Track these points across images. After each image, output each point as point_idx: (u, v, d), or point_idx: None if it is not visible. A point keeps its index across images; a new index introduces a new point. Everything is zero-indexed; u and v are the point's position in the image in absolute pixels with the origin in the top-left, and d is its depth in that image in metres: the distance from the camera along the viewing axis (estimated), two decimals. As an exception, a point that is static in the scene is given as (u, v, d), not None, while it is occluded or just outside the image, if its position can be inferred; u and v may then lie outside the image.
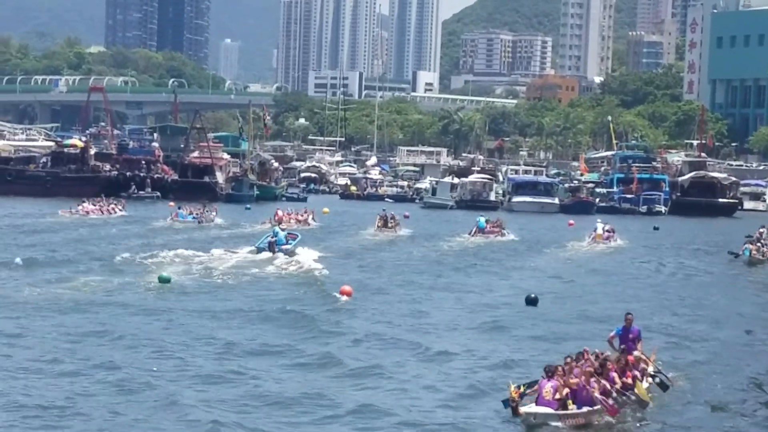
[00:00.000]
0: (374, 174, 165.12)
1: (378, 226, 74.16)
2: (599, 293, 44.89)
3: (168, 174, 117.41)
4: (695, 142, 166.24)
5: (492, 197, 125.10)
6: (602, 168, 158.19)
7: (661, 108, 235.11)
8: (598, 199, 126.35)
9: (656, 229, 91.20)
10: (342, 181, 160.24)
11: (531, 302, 39.66)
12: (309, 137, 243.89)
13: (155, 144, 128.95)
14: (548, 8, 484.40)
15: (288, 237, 55.57)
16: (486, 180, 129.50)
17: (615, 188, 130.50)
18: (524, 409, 21.58)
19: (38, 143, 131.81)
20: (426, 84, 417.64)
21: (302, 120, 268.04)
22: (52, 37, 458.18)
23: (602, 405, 22.20)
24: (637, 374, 24.28)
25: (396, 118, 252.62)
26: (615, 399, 22.75)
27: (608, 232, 70.56)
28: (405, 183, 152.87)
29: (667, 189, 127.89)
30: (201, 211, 79.65)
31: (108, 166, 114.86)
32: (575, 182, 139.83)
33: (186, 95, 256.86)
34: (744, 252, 60.76)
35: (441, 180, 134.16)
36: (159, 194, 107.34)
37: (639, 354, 25.53)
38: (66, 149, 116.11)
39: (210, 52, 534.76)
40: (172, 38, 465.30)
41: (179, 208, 79.39)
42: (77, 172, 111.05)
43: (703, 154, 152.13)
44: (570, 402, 22.05)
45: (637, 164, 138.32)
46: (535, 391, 22.40)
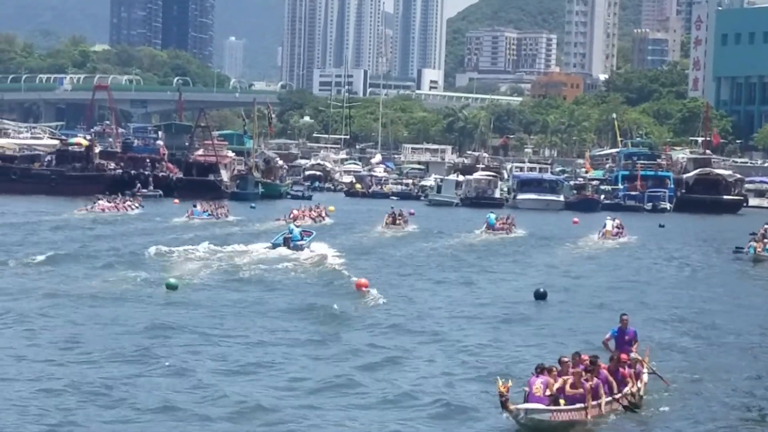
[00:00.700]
0: (379, 172, 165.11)
1: (386, 223, 75.49)
2: (607, 289, 45.30)
3: (173, 172, 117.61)
4: (700, 140, 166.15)
5: (497, 195, 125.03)
6: (607, 165, 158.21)
7: (666, 105, 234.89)
8: (603, 197, 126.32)
9: (662, 227, 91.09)
10: (347, 179, 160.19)
11: (540, 296, 39.79)
12: (314, 135, 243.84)
13: (160, 142, 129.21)
14: (553, 6, 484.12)
15: (303, 234, 56.52)
16: (491, 177, 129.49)
17: (620, 185, 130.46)
18: (515, 405, 21.25)
19: (43, 142, 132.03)
20: (431, 82, 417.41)
21: (307, 118, 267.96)
22: (57, 36, 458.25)
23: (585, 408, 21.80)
24: (632, 373, 23.94)
25: (401, 116, 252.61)
26: (608, 399, 22.53)
27: (618, 229, 71.79)
28: (410, 181, 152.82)
29: (672, 186, 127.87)
30: (215, 208, 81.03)
31: (113, 165, 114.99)
32: (580, 180, 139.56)
33: (191, 93, 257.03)
34: (749, 250, 60.70)
35: (446, 177, 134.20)
36: (161, 192, 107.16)
37: (635, 355, 25.14)
38: (71, 147, 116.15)
39: (215, 50, 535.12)
40: (177, 36, 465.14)
41: (194, 206, 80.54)
42: (82, 171, 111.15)
43: (708, 151, 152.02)
44: (562, 400, 21.78)
45: (642, 161, 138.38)
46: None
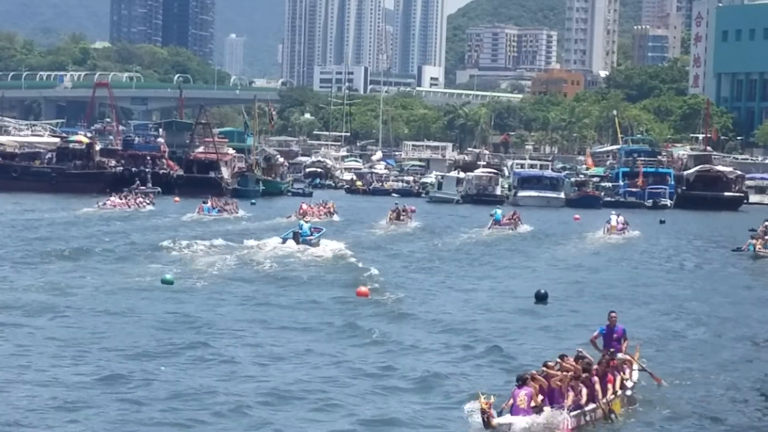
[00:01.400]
0: (380, 169, 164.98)
1: (390, 219, 76.85)
2: (610, 285, 45.76)
3: (173, 169, 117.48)
4: (701, 136, 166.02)
5: (498, 192, 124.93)
6: (608, 162, 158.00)
7: (667, 102, 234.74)
8: (604, 194, 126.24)
9: (662, 223, 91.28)
10: (347, 176, 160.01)
11: (540, 298, 39.66)
12: (314, 132, 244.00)
13: (160, 139, 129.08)
14: (553, 2, 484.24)
15: (313, 230, 57.91)
16: (492, 174, 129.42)
17: (620, 182, 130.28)
18: (497, 420, 20.25)
19: (43, 139, 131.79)
20: (431, 79, 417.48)
21: (307, 115, 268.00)
22: (57, 33, 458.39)
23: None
24: (620, 377, 23.27)
25: (401, 113, 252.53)
26: (593, 408, 21.80)
27: (622, 224, 73.75)
28: (410, 178, 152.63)
29: (673, 183, 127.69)
30: (224, 205, 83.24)
31: (113, 162, 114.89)
32: (581, 176, 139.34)
33: (191, 91, 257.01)
34: (749, 247, 60.75)
35: (447, 174, 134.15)
36: (160, 190, 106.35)
37: (623, 355, 24.58)
38: (71, 145, 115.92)
39: (215, 48, 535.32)
40: (177, 33, 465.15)
41: (204, 202, 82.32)
42: (82, 168, 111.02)
43: (709, 148, 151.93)
44: (547, 408, 20.98)
45: (643, 158, 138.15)
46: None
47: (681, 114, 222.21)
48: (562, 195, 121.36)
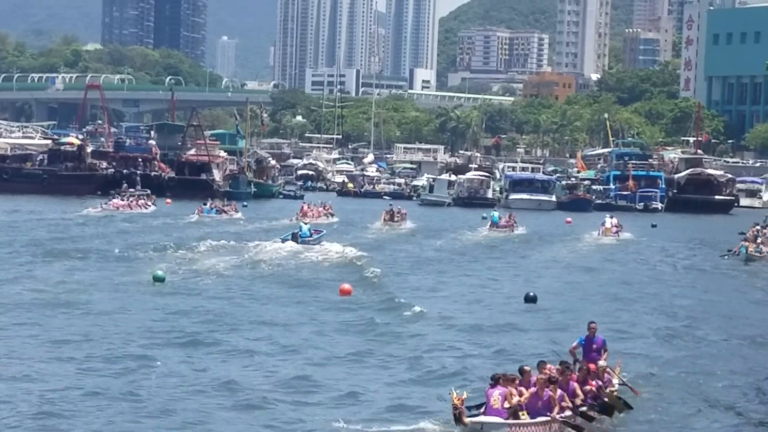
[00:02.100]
0: (371, 171, 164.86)
1: (384, 220, 78.45)
2: (603, 287, 46.39)
3: (165, 171, 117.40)
4: (691, 139, 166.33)
5: (489, 194, 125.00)
6: (599, 165, 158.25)
7: (658, 105, 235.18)
8: (595, 197, 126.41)
9: (654, 227, 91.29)
10: (339, 179, 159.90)
11: (530, 300, 39.70)
12: (306, 135, 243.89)
13: (152, 142, 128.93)
14: (545, 5, 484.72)
15: (313, 231, 59.34)
16: (483, 177, 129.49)
17: (611, 185, 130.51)
18: (470, 419, 19.97)
19: (35, 141, 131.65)
20: (423, 81, 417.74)
21: (299, 117, 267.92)
22: (49, 35, 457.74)
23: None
24: (600, 385, 22.83)
25: (393, 116, 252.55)
26: (573, 412, 21.45)
27: (616, 227, 75.43)
28: (402, 180, 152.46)
29: (664, 186, 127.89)
30: (223, 206, 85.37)
31: (105, 164, 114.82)
32: (572, 179, 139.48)
33: (183, 93, 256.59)
34: (741, 249, 60.97)
35: (438, 177, 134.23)
36: (149, 192, 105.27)
37: (603, 363, 24.02)
38: (63, 147, 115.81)
39: (207, 50, 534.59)
40: (169, 36, 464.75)
41: (204, 204, 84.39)
42: (74, 170, 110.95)
43: (700, 151, 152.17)
44: (524, 412, 20.63)
45: (634, 161, 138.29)
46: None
47: (672, 117, 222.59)
48: (554, 198, 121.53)
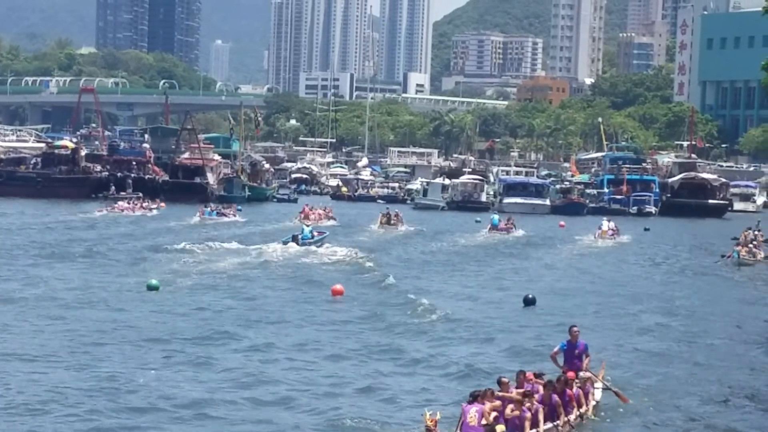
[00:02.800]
0: (365, 175, 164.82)
1: (381, 222, 79.63)
2: (597, 291, 46.47)
3: (159, 175, 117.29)
4: (685, 144, 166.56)
5: (483, 198, 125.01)
6: (593, 169, 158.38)
7: (652, 109, 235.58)
8: (589, 201, 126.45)
9: (647, 230, 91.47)
10: (333, 183, 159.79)
11: (529, 303, 39.88)
12: (300, 138, 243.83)
13: (146, 145, 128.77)
14: (539, 10, 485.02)
15: (316, 233, 60.60)
16: (477, 181, 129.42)
17: (605, 189, 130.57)
18: None
19: (29, 144, 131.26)
20: (417, 85, 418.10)
21: (293, 121, 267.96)
22: (43, 39, 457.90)
23: None
24: (580, 394, 22.31)
25: (387, 120, 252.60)
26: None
27: (613, 230, 76.96)
28: (396, 184, 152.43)
29: (657, 190, 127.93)
30: (224, 209, 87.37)
31: (99, 167, 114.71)
32: (566, 183, 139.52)
33: (177, 96, 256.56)
34: (734, 254, 61.14)
35: (432, 181, 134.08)
36: (141, 195, 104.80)
37: (584, 373, 23.42)
38: (57, 150, 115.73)
39: (201, 54, 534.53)
40: (163, 39, 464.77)
41: (206, 206, 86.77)
42: (68, 174, 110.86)
43: (694, 156, 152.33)
44: (502, 427, 19.97)
45: (628, 165, 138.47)
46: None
47: (666, 121, 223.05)
48: (547, 202, 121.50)
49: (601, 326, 35.55)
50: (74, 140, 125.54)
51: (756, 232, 65.98)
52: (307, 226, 62.01)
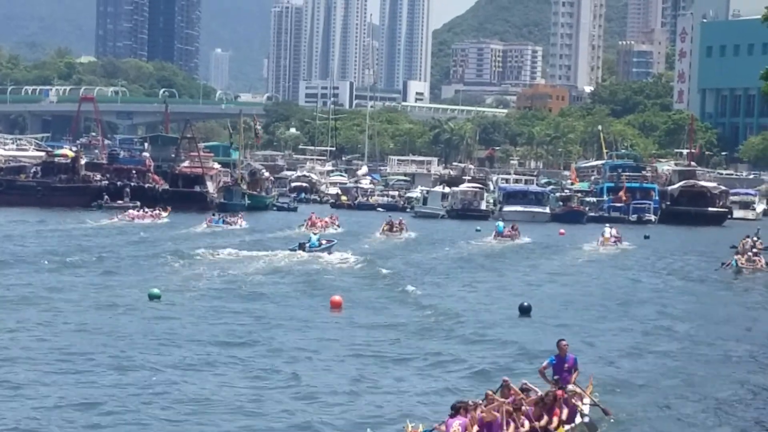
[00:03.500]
0: (365, 183, 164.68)
1: (384, 230, 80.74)
2: (593, 298, 46.66)
3: (159, 184, 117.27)
4: (685, 151, 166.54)
5: (483, 206, 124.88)
6: (592, 177, 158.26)
7: (651, 117, 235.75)
8: (588, 208, 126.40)
9: (647, 238, 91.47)
10: (333, 191, 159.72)
11: (524, 311, 39.78)
12: (300, 147, 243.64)
13: (146, 154, 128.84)
14: (538, 18, 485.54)
15: (324, 241, 61.76)
16: (477, 189, 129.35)
17: (605, 197, 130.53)
18: None
19: (29, 153, 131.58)
20: (416, 93, 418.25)
21: (293, 130, 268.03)
22: (43, 48, 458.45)
23: None
24: (567, 413, 21.74)
25: (387, 128, 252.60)
26: None
27: (615, 237, 78.65)
28: (396, 192, 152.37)
29: (657, 198, 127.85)
30: (230, 217, 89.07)
31: (99, 176, 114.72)
32: (566, 191, 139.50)
33: (177, 105, 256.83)
34: (732, 262, 61.20)
35: (432, 189, 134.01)
36: (139, 204, 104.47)
37: (573, 387, 22.85)
38: (56, 159, 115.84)
39: (201, 62, 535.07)
40: (163, 48, 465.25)
41: (213, 214, 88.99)
42: (68, 182, 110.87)
43: (693, 163, 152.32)
44: None
45: (627, 173, 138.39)
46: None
47: (665, 129, 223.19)
48: (547, 210, 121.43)
49: (603, 334, 35.91)
50: (74, 149, 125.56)
51: (755, 240, 65.95)
52: (315, 234, 63.15)
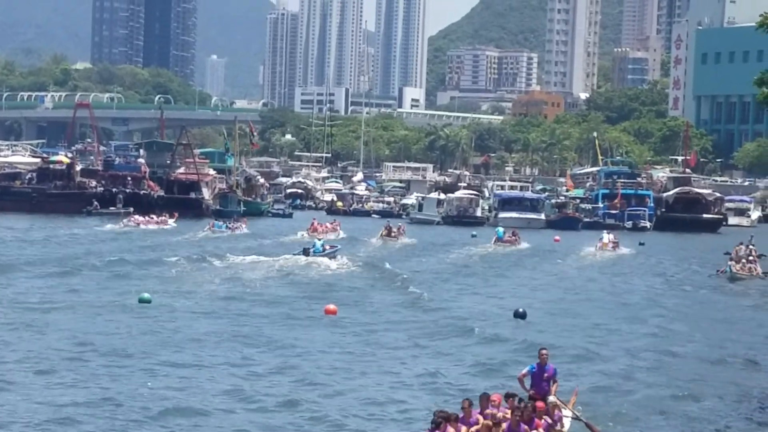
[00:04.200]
0: (360, 190, 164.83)
1: (382, 235, 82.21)
2: (589, 303, 47.29)
3: (154, 190, 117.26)
4: (680, 158, 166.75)
5: (478, 213, 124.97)
6: (588, 184, 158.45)
7: (647, 124, 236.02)
8: (583, 215, 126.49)
9: (642, 245, 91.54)
10: (328, 197, 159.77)
11: (519, 316, 39.93)
12: (295, 153, 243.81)
13: (141, 160, 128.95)
14: (534, 25, 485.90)
15: (328, 247, 62.61)
16: (472, 196, 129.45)
17: (600, 204, 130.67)
18: None
19: (24, 159, 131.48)
20: (412, 100, 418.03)
21: (288, 136, 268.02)
22: (39, 54, 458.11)
23: None
24: (547, 426, 20.98)
25: (382, 134, 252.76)
26: None
27: (613, 242, 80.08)
28: (391, 199, 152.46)
29: (652, 205, 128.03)
30: (233, 222, 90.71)
31: (94, 183, 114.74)
32: (561, 198, 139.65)
33: (172, 111, 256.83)
34: (727, 269, 61.32)
35: (427, 196, 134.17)
36: (132, 210, 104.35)
37: (554, 399, 22.06)
38: (52, 165, 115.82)
39: (196, 69, 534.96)
40: (159, 54, 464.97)
41: (215, 220, 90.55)
42: (63, 189, 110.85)
43: (688, 170, 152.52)
44: None
45: (622, 180, 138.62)
46: None
47: (661, 136, 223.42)
48: (543, 216, 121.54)
49: (603, 335, 36.31)
50: (69, 155, 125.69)
51: (750, 247, 66.01)
52: (319, 240, 64.23)
